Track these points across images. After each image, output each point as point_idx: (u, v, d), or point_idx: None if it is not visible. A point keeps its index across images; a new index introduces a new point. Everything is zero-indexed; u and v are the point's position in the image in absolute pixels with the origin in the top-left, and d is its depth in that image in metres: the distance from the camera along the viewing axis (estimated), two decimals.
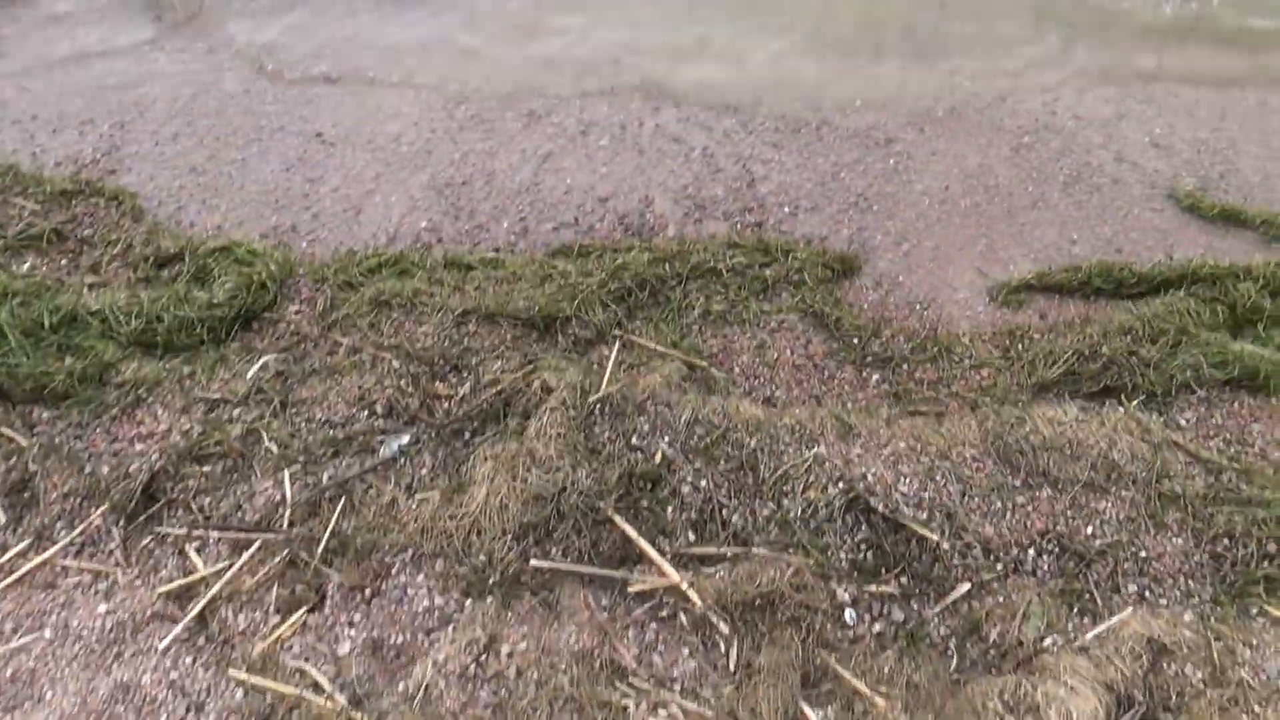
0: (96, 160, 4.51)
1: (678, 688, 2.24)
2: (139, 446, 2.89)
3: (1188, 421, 2.97)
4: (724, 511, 2.64)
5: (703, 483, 2.70)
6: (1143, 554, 2.52)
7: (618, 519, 2.60)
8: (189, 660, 2.32)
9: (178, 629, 2.39)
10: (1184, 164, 4.43)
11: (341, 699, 2.21)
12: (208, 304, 3.38)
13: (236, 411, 3.00)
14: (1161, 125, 4.71)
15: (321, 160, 4.53)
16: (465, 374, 3.16)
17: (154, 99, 5.01)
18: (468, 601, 2.46)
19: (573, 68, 5.27)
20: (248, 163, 4.50)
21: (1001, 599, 2.42)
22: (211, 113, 4.91)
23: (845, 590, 2.44)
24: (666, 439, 2.82)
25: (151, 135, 4.70)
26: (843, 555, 2.52)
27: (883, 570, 2.50)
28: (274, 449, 2.86)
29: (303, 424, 2.95)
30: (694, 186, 4.32)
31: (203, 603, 2.45)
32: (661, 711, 2.18)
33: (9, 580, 2.53)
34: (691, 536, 2.60)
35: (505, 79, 5.16)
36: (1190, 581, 2.47)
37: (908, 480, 2.68)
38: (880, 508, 2.58)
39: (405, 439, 2.89)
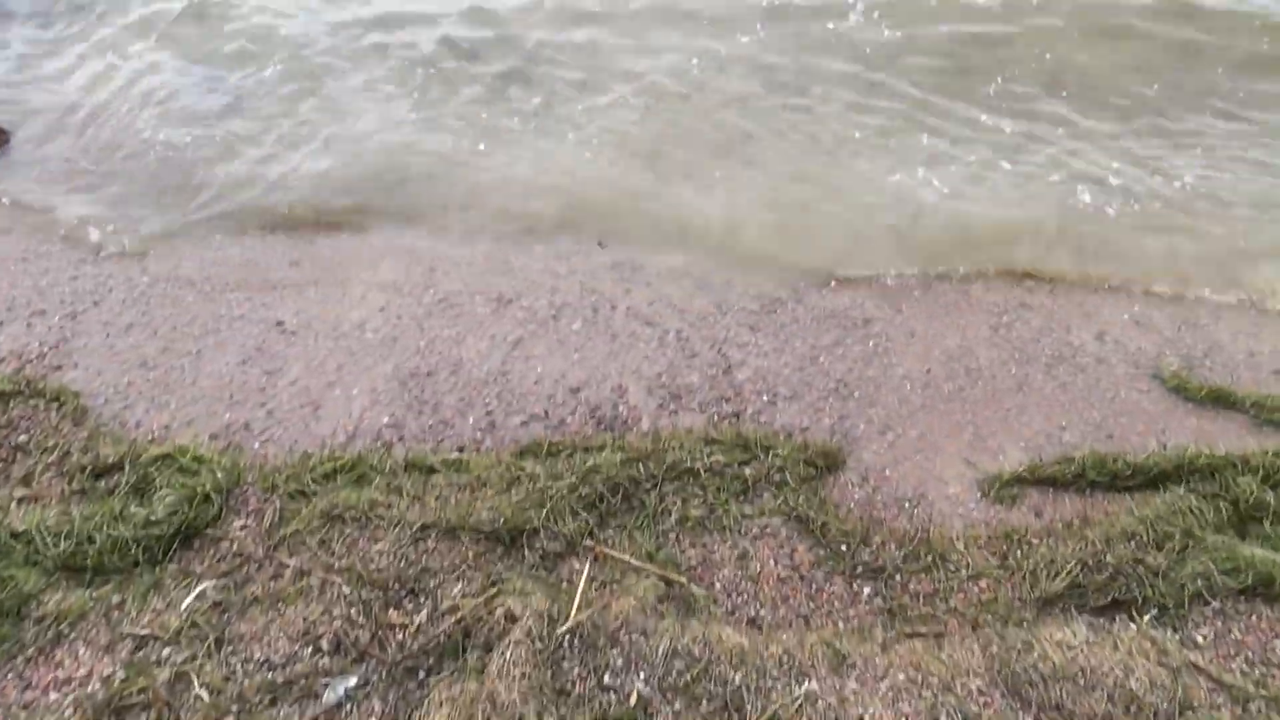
0: (43, 354, 4.44)
1: None
2: (53, 696, 2.66)
3: (1205, 639, 2.83)
4: None
5: None
6: None
7: None
8: None
9: None
10: (1166, 342, 4.48)
11: None
12: (145, 521, 3.22)
13: (166, 651, 2.79)
14: (1140, 301, 4.80)
15: (281, 351, 4.48)
16: (422, 599, 2.98)
17: (110, 287, 5.00)
18: None
19: (544, 255, 5.31)
20: (203, 355, 4.45)
21: None
22: (169, 301, 4.89)
23: None
24: (642, 675, 2.64)
25: (104, 326, 4.66)
26: None
27: None
28: (205, 696, 2.64)
29: (239, 665, 2.74)
30: (668, 374, 4.29)
31: None
32: None
33: None
34: None
35: (475, 266, 5.19)
36: None
37: None
38: None
39: (352, 681, 2.69)
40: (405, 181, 6.07)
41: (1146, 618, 2.88)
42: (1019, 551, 3.22)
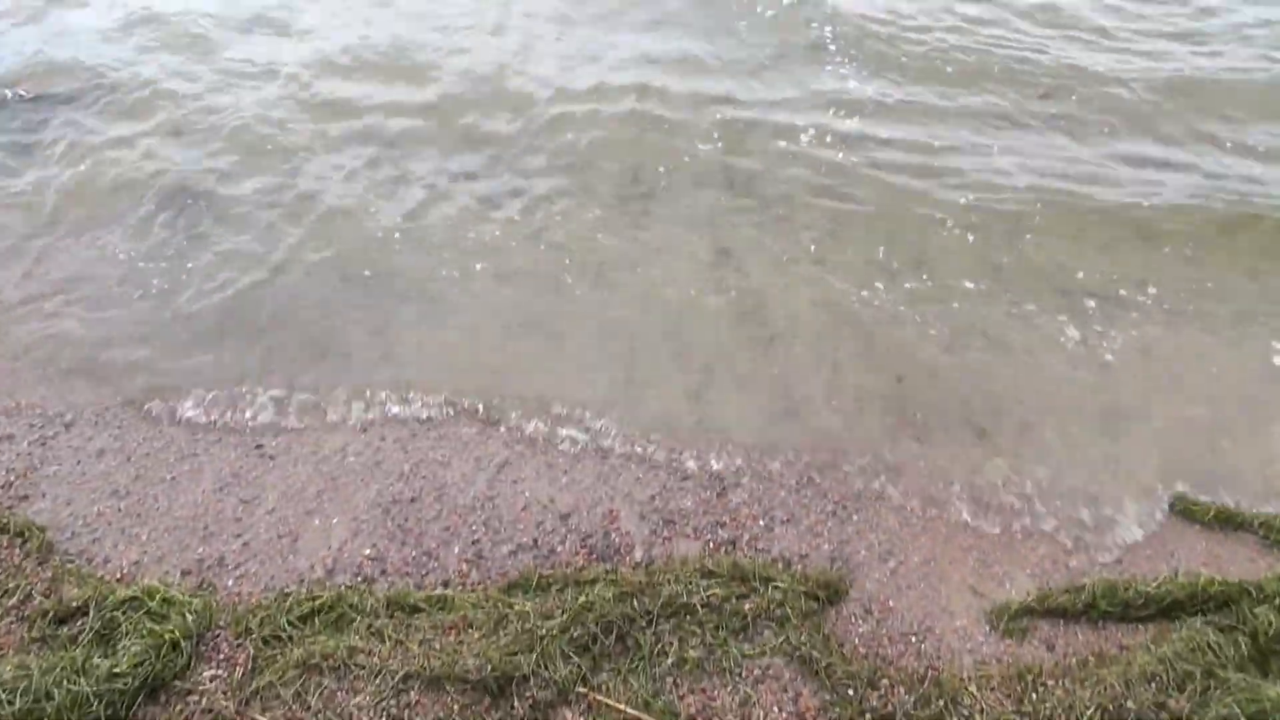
0: (10, 483, 4.32)
1: None
2: None
3: None
4: None
5: None
6: None
7: None
8: None
9: None
10: (1169, 460, 4.45)
11: None
12: (108, 674, 3.07)
13: None
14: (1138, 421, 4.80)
15: (259, 476, 4.38)
16: None
17: (83, 407, 4.90)
18: None
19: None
20: (177, 482, 4.34)
21: None
22: (145, 423, 4.80)
23: None
24: None
25: (75, 452, 4.55)
26: None
27: None
28: None
29: None
30: (661, 498, 4.21)
31: None
32: None
33: None
34: None
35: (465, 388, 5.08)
36: None
37: None
38: None
39: None
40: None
41: None
42: (1034, 694, 3.11)
